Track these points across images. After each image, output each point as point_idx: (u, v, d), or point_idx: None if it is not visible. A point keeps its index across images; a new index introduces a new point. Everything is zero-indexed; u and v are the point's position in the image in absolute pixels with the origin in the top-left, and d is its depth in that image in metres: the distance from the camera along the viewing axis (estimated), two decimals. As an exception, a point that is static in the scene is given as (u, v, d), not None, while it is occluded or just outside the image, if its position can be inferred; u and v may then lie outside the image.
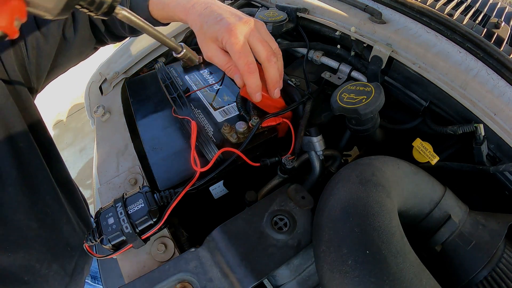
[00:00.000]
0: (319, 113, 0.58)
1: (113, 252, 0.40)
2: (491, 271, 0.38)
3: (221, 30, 0.43)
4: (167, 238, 0.44)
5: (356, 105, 0.44)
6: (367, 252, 0.30)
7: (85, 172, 2.07)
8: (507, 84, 0.45)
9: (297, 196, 0.44)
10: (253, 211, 0.42)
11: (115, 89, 0.75)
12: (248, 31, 0.44)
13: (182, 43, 0.52)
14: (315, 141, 0.53)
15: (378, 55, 0.53)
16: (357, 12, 0.60)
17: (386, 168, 0.39)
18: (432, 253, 0.42)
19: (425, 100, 0.52)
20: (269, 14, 0.65)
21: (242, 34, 0.43)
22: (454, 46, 0.50)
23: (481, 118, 0.46)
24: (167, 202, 0.43)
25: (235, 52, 0.43)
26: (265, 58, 0.45)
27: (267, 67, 0.46)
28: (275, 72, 0.47)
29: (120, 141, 0.60)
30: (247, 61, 0.44)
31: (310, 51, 0.66)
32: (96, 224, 0.41)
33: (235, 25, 0.43)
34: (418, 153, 0.51)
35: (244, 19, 0.45)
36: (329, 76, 0.63)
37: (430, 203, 0.42)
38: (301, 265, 0.39)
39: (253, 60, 0.45)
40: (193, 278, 0.38)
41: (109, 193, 0.52)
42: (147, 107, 0.61)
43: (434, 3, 0.59)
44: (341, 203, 0.36)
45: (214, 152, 0.47)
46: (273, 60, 0.46)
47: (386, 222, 0.33)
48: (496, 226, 0.40)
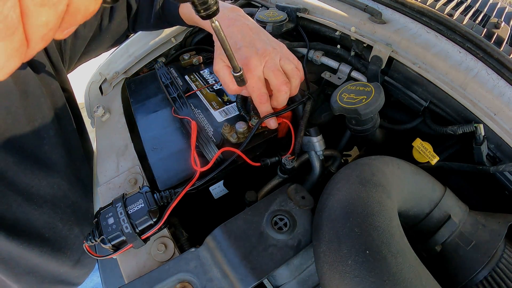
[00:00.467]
0: (319, 113, 0.58)
1: (113, 252, 0.40)
2: (491, 271, 0.38)
3: (239, 60, 0.44)
4: (167, 238, 0.44)
5: (356, 105, 0.44)
6: (367, 252, 0.30)
7: (85, 172, 2.06)
8: (507, 84, 0.45)
9: (297, 196, 0.44)
10: (253, 211, 0.42)
11: (115, 89, 0.75)
12: (263, 63, 0.45)
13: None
14: (315, 141, 0.53)
15: (378, 55, 0.53)
16: (357, 12, 0.60)
17: (386, 168, 0.39)
18: (432, 253, 0.42)
19: (425, 100, 0.52)
20: (269, 14, 0.65)
21: (257, 68, 0.45)
22: (454, 46, 0.50)
23: (481, 118, 0.46)
24: (167, 202, 0.43)
25: (248, 85, 0.46)
26: (276, 88, 0.47)
27: (276, 96, 0.48)
28: (283, 100, 0.48)
29: (120, 141, 0.60)
30: (260, 93, 0.46)
31: (310, 51, 0.66)
32: (96, 224, 0.41)
33: (251, 59, 0.44)
34: (418, 153, 0.51)
35: (261, 51, 0.45)
36: (329, 76, 0.63)
37: (430, 203, 0.42)
38: (301, 265, 0.39)
39: (265, 91, 0.47)
40: (193, 278, 0.38)
41: (109, 193, 0.52)
42: (147, 107, 0.61)
43: (434, 3, 0.59)
44: (341, 203, 0.36)
45: (214, 152, 0.47)
46: (283, 90, 0.47)
47: (386, 222, 0.33)
48: (496, 226, 0.40)
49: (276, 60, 0.47)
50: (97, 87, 0.76)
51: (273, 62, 0.46)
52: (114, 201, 0.42)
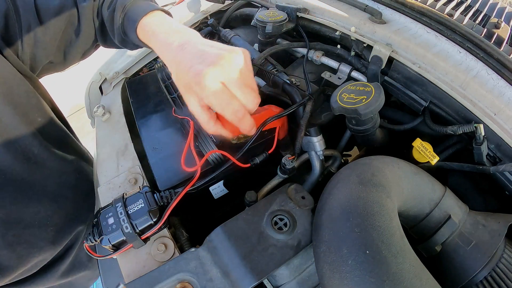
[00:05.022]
0: (319, 113, 0.58)
1: (113, 252, 0.40)
2: (491, 271, 0.38)
3: (191, 81, 0.38)
4: (167, 238, 0.44)
5: (356, 105, 0.44)
6: (367, 252, 0.30)
7: (85, 172, 2.06)
8: (507, 84, 0.45)
9: (297, 196, 0.44)
10: (253, 211, 0.42)
11: (115, 89, 0.75)
12: (218, 74, 0.37)
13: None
14: (315, 141, 0.53)
15: (378, 55, 0.53)
16: (357, 12, 0.60)
17: (386, 168, 0.39)
18: (432, 253, 0.42)
19: (425, 100, 0.52)
20: (269, 14, 0.65)
21: (213, 80, 0.37)
22: (454, 46, 0.50)
23: (481, 118, 0.46)
24: (167, 202, 0.43)
25: (214, 105, 0.39)
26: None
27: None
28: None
29: (120, 141, 0.60)
30: (233, 110, 0.39)
31: (310, 51, 0.66)
32: (96, 224, 0.41)
33: (201, 74, 0.37)
34: (418, 153, 0.51)
35: (208, 60, 0.38)
36: (329, 76, 0.63)
37: (430, 203, 0.42)
38: (301, 265, 0.39)
39: (239, 105, 0.39)
40: (193, 278, 0.38)
41: (109, 193, 0.52)
42: (147, 107, 0.61)
43: (434, 3, 0.59)
44: (341, 203, 0.36)
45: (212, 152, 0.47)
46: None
47: (386, 222, 0.33)
48: (496, 226, 0.40)
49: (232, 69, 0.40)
50: (97, 87, 0.76)
51: (228, 74, 0.39)
52: (114, 201, 0.42)
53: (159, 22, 0.48)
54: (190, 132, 0.48)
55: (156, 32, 0.46)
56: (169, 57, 0.43)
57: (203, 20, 0.86)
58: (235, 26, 0.86)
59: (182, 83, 0.41)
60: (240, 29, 0.81)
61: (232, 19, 0.87)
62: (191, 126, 0.49)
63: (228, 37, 0.71)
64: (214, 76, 0.37)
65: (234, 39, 0.70)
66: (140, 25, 0.48)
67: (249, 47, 0.68)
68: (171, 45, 0.43)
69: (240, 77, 0.39)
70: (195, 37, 0.43)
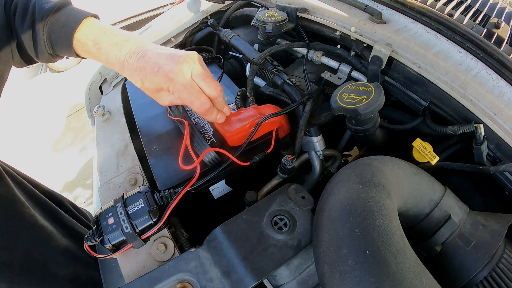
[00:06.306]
0: (319, 113, 0.58)
1: (113, 252, 0.40)
2: (491, 271, 0.38)
3: (161, 80, 0.43)
4: (167, 238, 0.44)
5: (356, 105, 0.44)
6: (367, 252, 0.30)
7: (85, 172, 2.07)
8: (507, 84, 0.45)
9: (297, 196, 0.44)
10: (253, 211, 0.42)
11: (115, 89, 0.75)
12: (187, 70, 0.43)
13: None
14: (315, 141, 0.53)
15: (378, 55, 0.53)
16: (357, 12, 0.60)
17: (386, 168, 0.39)
18: (432, 253, 0.42)
19: (425, 100, 0.52)
20: (269, 14, 0.65)
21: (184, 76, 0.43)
22: (454, 46, 0.50)
23: (481, 118, 0.46)
24: (167, 202, 0.43)
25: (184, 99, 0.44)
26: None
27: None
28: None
29: (120, 141, 0.60)
30: (201, 103, 0.44)
31: (310, 51, 0.66)
32: (96, 224, 0.41)
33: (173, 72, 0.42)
34: (418, 153, 0.51)
35: (175, 59, 0.43)
36: (329, 76, 0.63)
37: (430, 203, 0.42)
38: (301, 265, 0.39)
39: (205, 98, 0.45)
40: (193, 278, 0.38)
41: (109, 193, 0.52)
42: (147, 107, 0.61)
43: (434, 3, 0.59)
44: (341, 203, 0.36)
45: (209, 152, 0.47)
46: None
47: (386, 222, 0.33)
48: (496, 226, 0.40)
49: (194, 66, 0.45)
50: (97, 87, 0.76)
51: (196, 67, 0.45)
52: (114, 201, 0.42)
53: (98, 32, 0.44)
54: (185, 132, 0.48)
55: (100, 43, 0.44)
56: (131, 71, 0.44)
57: (203, 20, 0.86)
58: (235, 26, 0.86)
59: (150, 86, 0.44)
60: (240, 29, 0.81)
61: (232, 19, 0.87)
62: (186, 126, 0.49)
63: (228, 37, 0.71)
64: (185, 72, 0.43)
65: (234, 39, 0.70)
66: (76, 39, 0.44)
67: (249, 47, 0.68)
68: (128, 61, 0.44)
69: (203, 71, 0.45)
70: (147, 42, 0.46)
